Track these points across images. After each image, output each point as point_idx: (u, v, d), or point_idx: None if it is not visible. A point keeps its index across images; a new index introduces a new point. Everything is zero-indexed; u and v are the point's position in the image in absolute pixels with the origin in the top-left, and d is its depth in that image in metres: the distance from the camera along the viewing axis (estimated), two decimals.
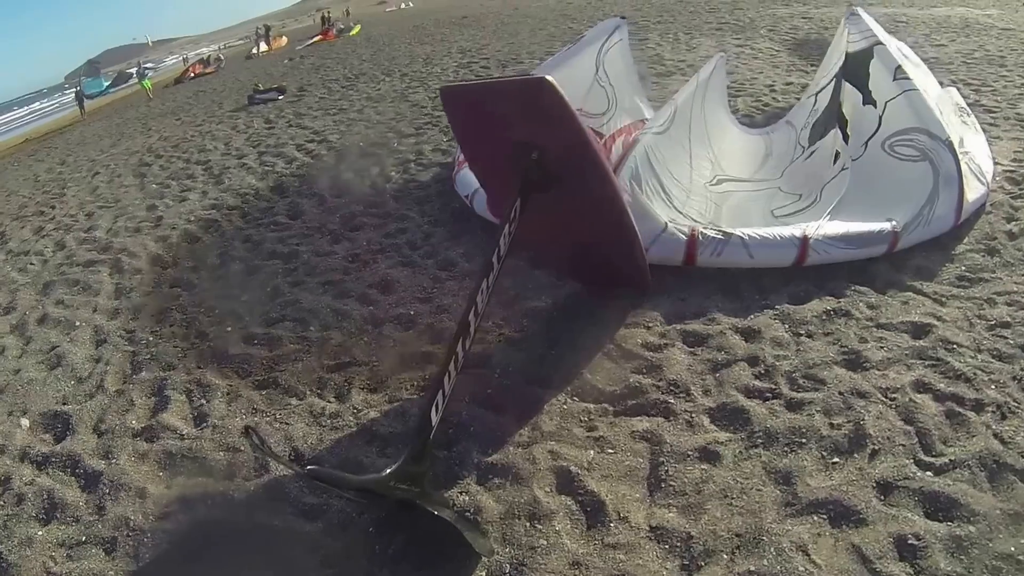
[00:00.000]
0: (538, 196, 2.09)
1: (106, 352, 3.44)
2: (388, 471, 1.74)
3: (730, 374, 2.32)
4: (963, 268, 2.96)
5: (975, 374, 2.26)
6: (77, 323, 3.84)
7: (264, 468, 2.27)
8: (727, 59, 6.47)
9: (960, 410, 2.10)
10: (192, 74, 21.95)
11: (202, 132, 9.20)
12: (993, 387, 2.20)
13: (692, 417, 2.12)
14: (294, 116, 8.86)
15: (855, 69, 3.85)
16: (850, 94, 3.82)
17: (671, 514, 1.80)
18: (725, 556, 1.65)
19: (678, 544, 1.71)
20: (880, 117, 3.51)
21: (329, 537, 1.89)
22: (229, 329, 3.39)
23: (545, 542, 1.74)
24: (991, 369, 2.28)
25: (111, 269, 4.56)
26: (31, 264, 4.99)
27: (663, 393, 2.24)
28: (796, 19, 10.34)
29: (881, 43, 3.81)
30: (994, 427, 2.04)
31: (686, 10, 13.43)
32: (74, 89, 18.67)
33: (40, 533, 2.18)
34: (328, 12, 29.88)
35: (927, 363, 2.34)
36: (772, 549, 1.65)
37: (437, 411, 1.80)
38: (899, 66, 3.61)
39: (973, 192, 3.26)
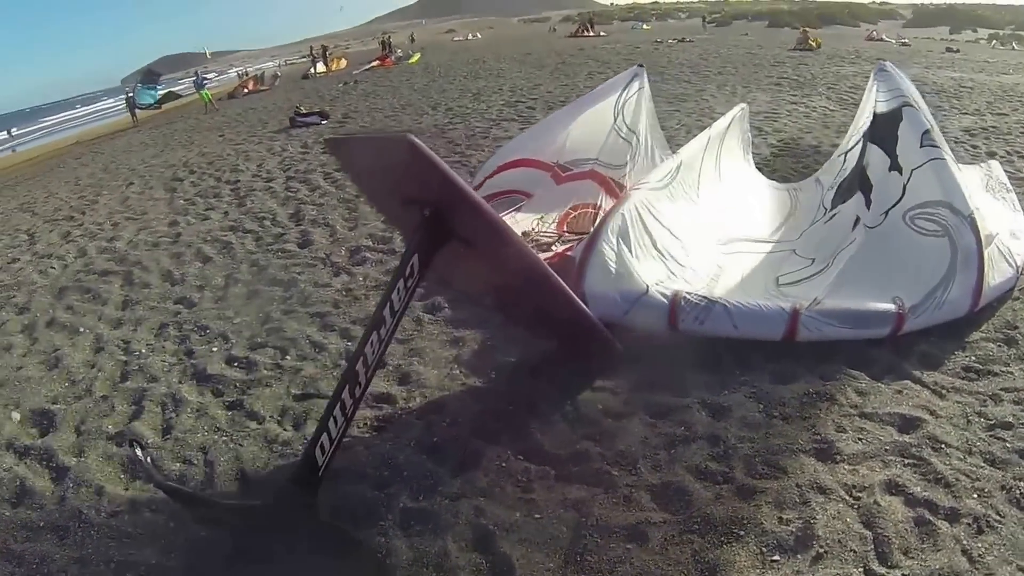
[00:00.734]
0: (465, 256, 2.24)
1: (101, 359, 3.77)
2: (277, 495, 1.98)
3: (685, 452, 2.37)
4: (973, 358, 2.90)
5: (958, 479, 2.22)
6: (81, 329, 4.23)
7: (210, 481, 2.48)
8: (771, 116, 6.62)
9: (931, 518, 2.05)
10: (245, 89, 23.63)
11: (239, 151, 9.95)
12: (975, 496, 2.15)
13: (631, 492, 2.18)
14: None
15: (884, 131, 3.89)
16: (877, 158, 3.86)
17: None
18: None
19: None
20: (904, 186, 3.54)
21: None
22: (215, 349, 3.67)
23: None
24: (978, 475, 2.24)
25: (123, 281, 4.98)
26: (52, 268, 5.51)
27: (608, 463, 2.31)
28: (859, 77, 10.42)
29: (911, 104, 3.83)
30: (965, 541, 1.98)
31: (751, 63, 13.77)
32: (127, 95, 20.43)
33: (8, 514, 2.46)
34: (389, 37, 31.80)
35: (907, 461, 2.30)
36: None
37: (323, 452, 1.96)
38: (927, 131, 3.62)
39: (999, 275, 3.22)
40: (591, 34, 31.12)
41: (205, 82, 20.41)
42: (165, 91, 18.90)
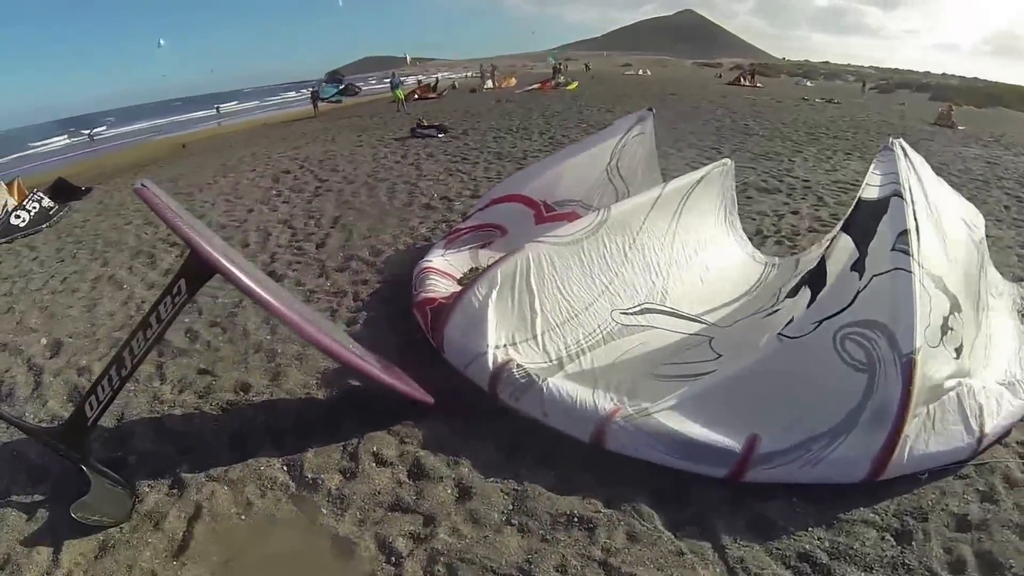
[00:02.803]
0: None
1: (119, 312, 4.94)
2: (48, 427, 2.73)
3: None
4: (824, 544, 2.36)
5: None
6: (124, 287, 5.51)
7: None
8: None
9: None
10: (416, 96, 26.40)
11: (352, 151, 11.51)
12: None
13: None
14: (426, 156, 10.61)
15: (863, 221, 3.19)
16: (843, 249, 3.19)
17: None
18: None
19: None
20: (858, 293, 2.90)
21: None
22: (186, 320, 4.62)
23: None
24: None
25: (178, 254, 6.28)
26: (144, 234, 7.07)
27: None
28: (979, 162, 9.49)
29: (901, 195, 3.06)
30: None
31: (876, 131, 13.17)
32: (311, 89, 24.16)
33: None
34: (560, 64, 34.58)
35: None
36: None
37: (92, 409, 2.63)
38: (905, 231, 2.91)
39: (938, 442, 2.68)
40: (748, 84, 32.08)
41: (400, 83, 23.37)
42: (344, 86, 22.08)
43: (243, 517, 2.57)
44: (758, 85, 32.69)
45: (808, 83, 42.05)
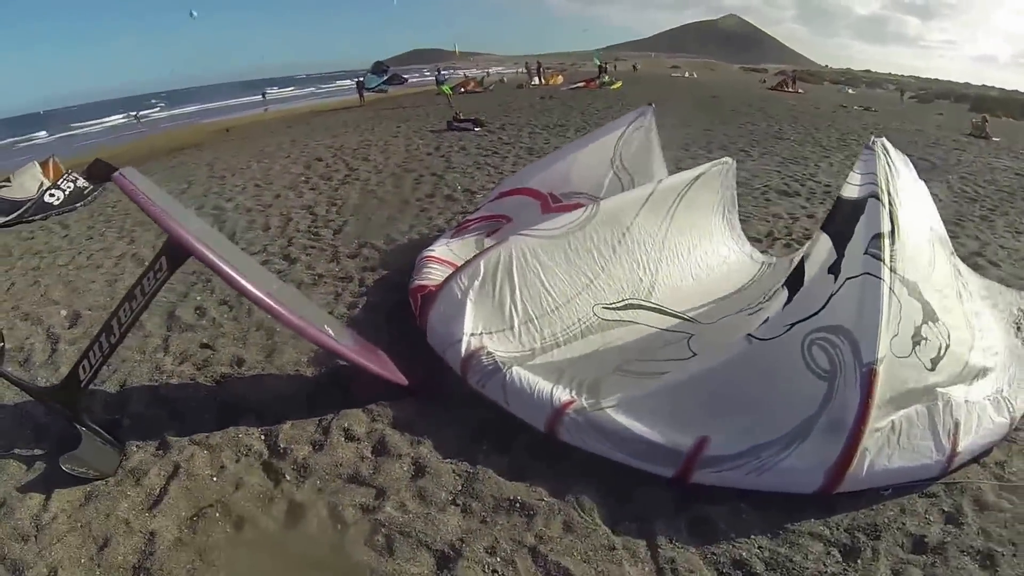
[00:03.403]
0: None
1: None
2: (46, 387, 3.07)
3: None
4: (763, 554, 2.36)
5: None
6: (145, 264, 5.87)
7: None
8: None
9: None
10: (462, 89, 26.79)
11: (387, 141, 11.84)
12: None
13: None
14: (458, 149, 10.84)
15: (842, 221, 3.15)
16: (823, 250, 3.14)
17: None
18: None
19: None
20: (831, 297, 2.86)
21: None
22: (198, 298, 4.93)
23: None
24: None
25: None
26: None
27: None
28: (1009, 173, 9.29)
29: (878, 196, 3.01)
30: None
31: (907, 140, 13.13)
32: (358, 80, 24.84)
33: (10, 368, 3.78)
34: (606, 64, 35.38)
35: None
36: None
37: (84, 372, 2.89)
38: (879, 235, 2.87)
39: (902, 457, 2.64)
40: (790, 90, 32.88)
41: (445, 77, 23.93)
42: (389, 76, 22.67)
43: (215, 479, 2.79)
44: (799, 91, 33.32)
45: (850, 90, 43.12)
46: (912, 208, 3.19)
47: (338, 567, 2.31)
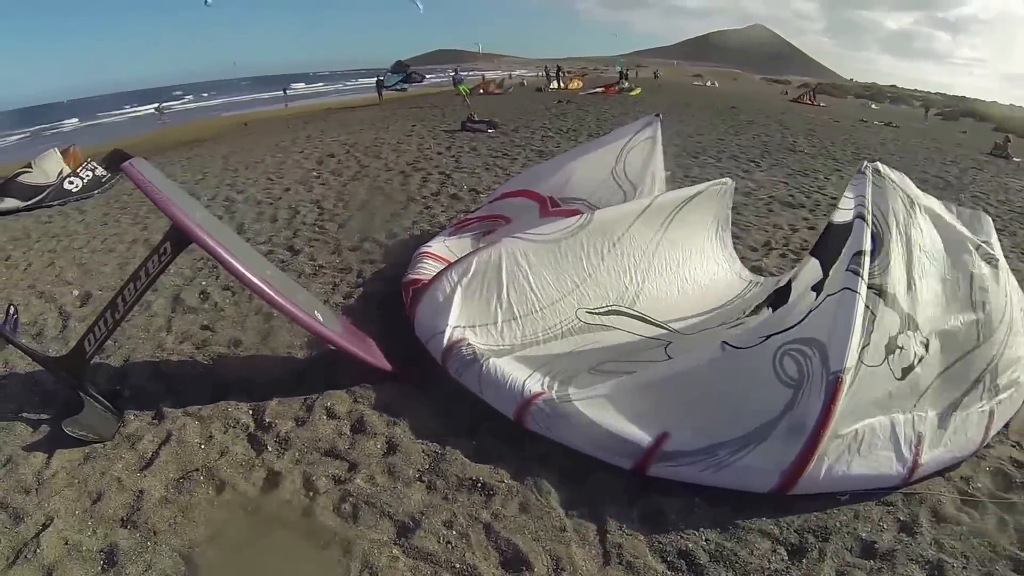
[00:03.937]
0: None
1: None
2: (55, 356, 3.35)
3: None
4: (704, 545, 2.47)
5: None
6: None
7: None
8: None
9: None
10: (481, 90, 27.14)
11: (400, 140, 12.14)
12: None
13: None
14: (469, 149, 11.10)
15: (831, 244, 3.29)
16: (810, 271, 3.38)
17: None
18: None
19: None
20: (809, 312, 2.96)
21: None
22: (203, 283, 5.21)
23: None
24: None
25: None
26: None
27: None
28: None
29: (864, 217, 3.11)
30: None
31: (923, 156, 13.78)
32: (377, 79, 25.36)
33: (25, 340, 4.13)
34: (627, 70, 35.57)
35: None
36: None
37: (90, 345, 3.15)
38: (859, 252, 2.96)
39: (863, 464, 2.72)
40: (811, 103, 33.22)
41: (461, 77, 24.33)
42: (407, 75, 23.21)
43: (202, 446, 3.03)
44: (820, 104, 33.36)
45: (874, 105, 43.35)
46: (909, 224, 3.23)
47: (305, 528, 2.52)
